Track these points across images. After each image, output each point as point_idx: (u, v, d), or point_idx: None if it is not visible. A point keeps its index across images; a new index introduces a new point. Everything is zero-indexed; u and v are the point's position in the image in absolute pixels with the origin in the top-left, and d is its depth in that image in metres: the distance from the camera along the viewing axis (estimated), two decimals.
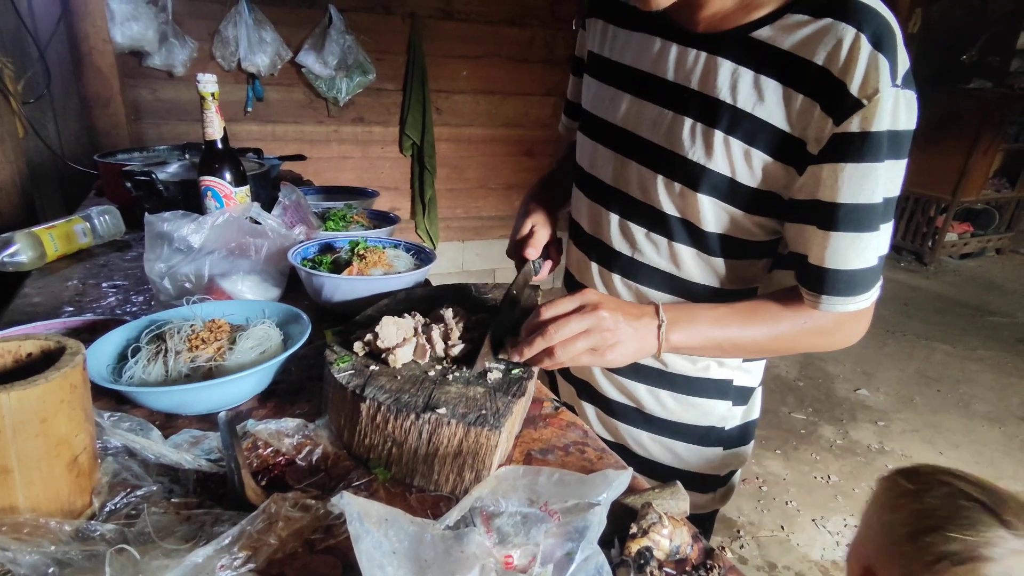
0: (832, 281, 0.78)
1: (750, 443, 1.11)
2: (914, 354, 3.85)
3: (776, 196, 0.81)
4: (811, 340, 0.86)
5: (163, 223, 1.04)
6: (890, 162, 0.73)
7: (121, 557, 0.51)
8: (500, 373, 0.77)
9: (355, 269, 1.09)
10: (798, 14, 0.74)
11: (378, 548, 0.50)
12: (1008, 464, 2.84)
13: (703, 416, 1.03)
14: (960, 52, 5.46)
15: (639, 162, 0.90)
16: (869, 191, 0.73)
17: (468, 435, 0.67)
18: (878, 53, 0.68)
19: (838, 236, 0.76)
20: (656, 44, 0.86)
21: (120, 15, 2.84)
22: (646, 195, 0.90)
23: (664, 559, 0.60)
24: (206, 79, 1.14)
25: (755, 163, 0.79)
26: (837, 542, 2.32)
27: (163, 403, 0.80)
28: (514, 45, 4.00)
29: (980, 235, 5.83)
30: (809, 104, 0.73)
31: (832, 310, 0.80)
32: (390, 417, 0.69)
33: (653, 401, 1.03)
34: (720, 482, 1.09)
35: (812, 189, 0.76)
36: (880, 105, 0.69)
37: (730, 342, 0.84)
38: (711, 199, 0.83)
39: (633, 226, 0.93)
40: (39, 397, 0.53)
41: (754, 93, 0.76)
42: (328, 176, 3.64)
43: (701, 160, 0.81)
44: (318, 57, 3.42)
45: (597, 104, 0.96)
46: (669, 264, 0.92)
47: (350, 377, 0.74)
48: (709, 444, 1.05)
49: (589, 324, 0.75)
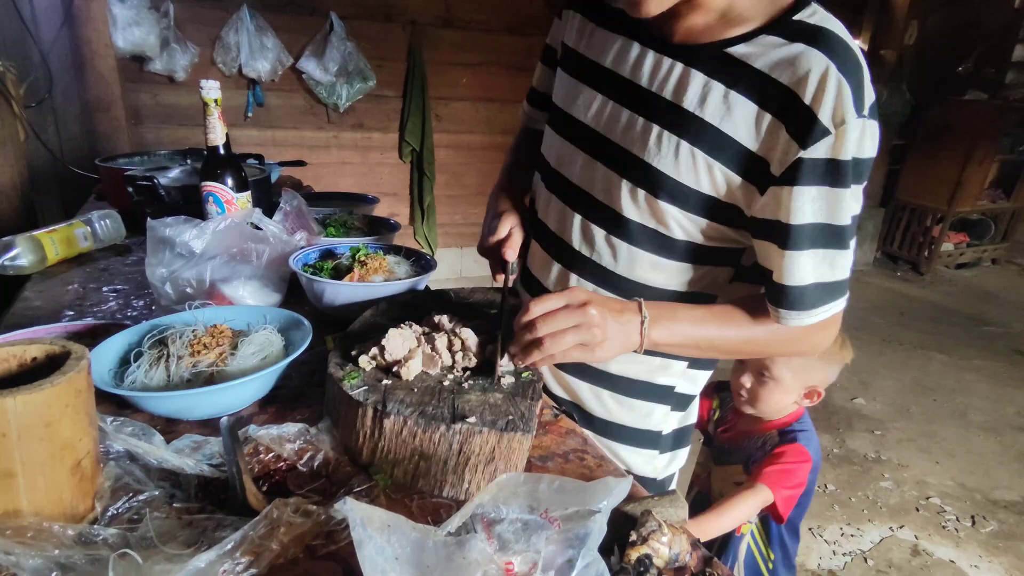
0: (791, 298, 0.81)
1: (686, 447, 1.13)
2: (910, 364, 3.86)
3: (738, 208, 0.83)
4: (782, 347, 0.91)
5: (165, 228, 1.04)
6: (855, 187, 0.76)
7: (124, 561, 0.51)
8: (512, 377, 0.78)
9: (356, 275, 1.09)
10: (774, 36, 0.76)
11: (381, 554, 0.51)
12: (1004, 474, 2.85)
13: (641, 419, 1.04)
14: (955, 64, 5.50)
15: (605, 164, 0.90)
16: (837, 212, 0.76)
17: (501, 441, 0.68)
18: (846, 84, 0.71)
19: (797, 255, 0.78)
20: (634, 49, 0.87)
21: (122, 20, 2.86)
22: (609, 197, 0.90)
23: (663, 566, 0.61)
24: (209, 85, 1.14)
25: (717, 176, 0.81)
26: (834, 551, 2.32)
27: (165, 408, 0.80)
28: (513, 53, 4.02)
29: (976, 245, 5.86)
30: (776, 125, 0.76)
31: (789, 324, 0.83)
32: (418, 431, 0.68)
33: (595, 400, 1.04)
34: (658, 486, 1.10)
35: (774, 209, 0.78)
36: (847, 135, 0.72)
37: (707, 342, 0.86)
38: (673, 206, 0.85)
39: (594, 227, 0.94)
40: (44, 402, 0.54)
41: (723, 107, 0.79)
42: (327, 182, 3.64)
43: (666, 168, 0.83)
44: (319, 63, 3.44)
45: (568, 101, 0.96)
46: (626, 267, 0.93)
47: (366, 394, 0.72)
48: (645, 446, 1.06)
49: (578, 320, 0.75)
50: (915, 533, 2.44)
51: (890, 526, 2.47)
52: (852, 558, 2.30)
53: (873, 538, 2.40)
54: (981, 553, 2.36)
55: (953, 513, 2.56)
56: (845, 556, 2.31)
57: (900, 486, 2.72)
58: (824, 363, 1.40)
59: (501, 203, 1.06)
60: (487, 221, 1.06)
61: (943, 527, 2.48)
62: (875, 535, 2.42)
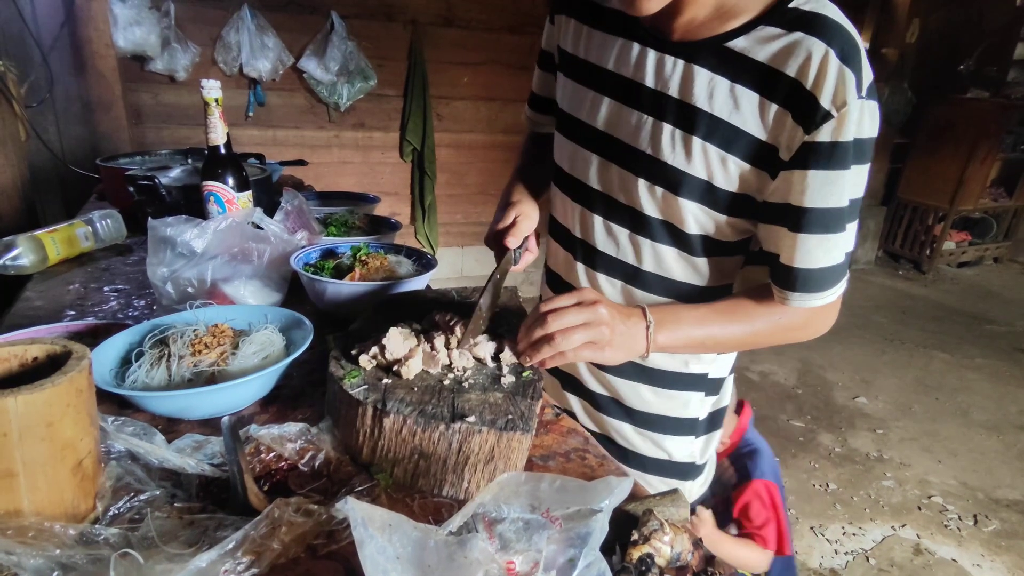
0: (801, 280, 0.83)
1: (719, 429, 1.16)
2: (912, 362, 3.86)
3: (750, 199, 0.85)
4: (784, 334, 0.92)
5: (166, 228, 1.04)
6: (856, 167, 0.78)
7: (125, 561, 0.51)
8: (513, 376, 0.78)
9: (357, 275, 1.09)
10: (771, 27, 0.77)
11: (382, 553, 0.50)
12: (1006, 472, 2.84)
13: (680, 407, 1.06)
14: (957, 62, 5.49)
15: (621, 165, 0.92)
16: (837, 195, 0.78)
17: (500, 440, 0.68)
18: (846, 68, 0.73)
19: (807, 238, 0.80)
20: (634, 49, 0.88)
21: (123, 20, 2.86)
22: (629, 198, 0.92)
23: (665, 566, 0.60)
24: (210, 85, 1.14)
25: (731, 168, 0.83)
26: (836, 550, 2.32)
27: (166, 407, 0.80)
28: (514, 52, 4.01)
29: (978, 244, 5.85)
30: (782, 113, 0.78)
31: (801, 306, 0.85)
32: (417, 430, 0.68)
33: (633, 395, 1.06)
34: (699, 469, 1.14)
35: (784, 193, 0.81)
36: (848, 116, 0.74)
37: (712, 339, 0.89)
38: (691, 202, 0.87)
39: (616, 227, 0.96)
40: (45, 401, 0.54)
41: (730, 101, 0.80)
42: (328, 181, 3.64)
43: (681, 165, 0.85)
44: (319, 63, 3.44)
45: (575, 106, 0.97)
46: (652, 263, 0.95)
47: (366, 392, 0.72)
48: (684, 433, 1.09)
49: (587, 318, 0.76)
50: (917, 532, 2.44)
51: (892, 525, 2.47)
52: (854, 557, 2.30)
53: (875, 537, 2.40)
54: (983, 552, 2.35)
55: (955, 512, 2.56)
56: (847, 555, 2.31)
57: (902, 485, 2.72)
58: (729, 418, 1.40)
59: (510, 197, 1.07)
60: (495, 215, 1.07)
61: (945, 526, 2.48)
62: (877, 534, 2.42)
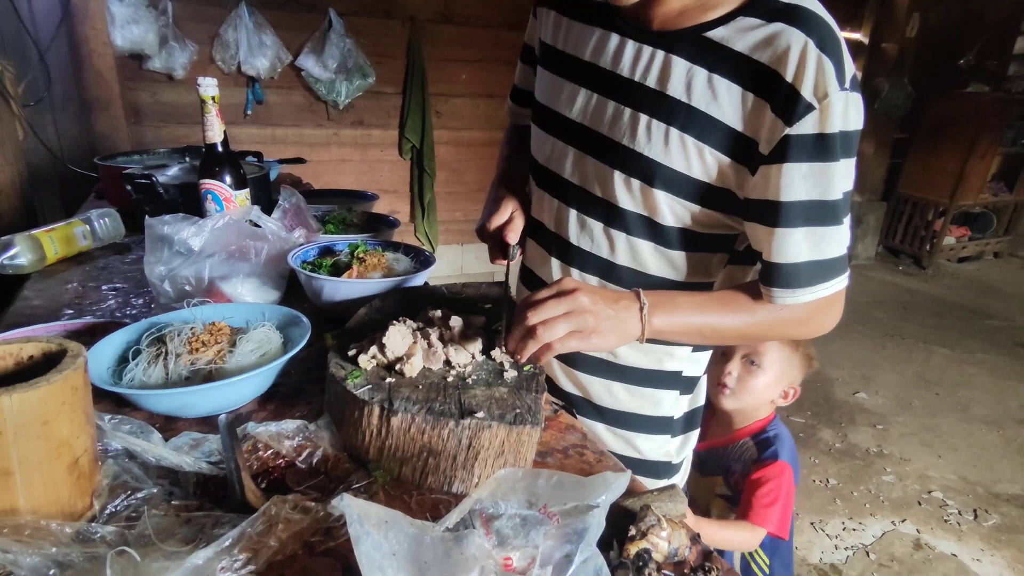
0: (783, 276, 0.81)
1: (696, 429, 1.14)
2: (912, 357, 3.86)
3: (730, 193, 0.83)
4: (785, 328, 0.89)
5: (163, 226, 1.04)
6: (844, 160, 0.76)
7: (121, 559, 0.51)
8: (515, 371, 0.78)
9: (355, 272, 1.09)
10: (750, 17, 0.77)
11: (378, 550, 0.50)
12: (1006, 467, 2.84)
13: (653, 406, 1.05)
14: (957, 56, 5.48)
15: (596, 157, 0.90)
16: (828, 188, 0.76)
17: (510, 435, 0.68)
18: (825, 57, 0.72)
19: (788, 232, 0.79)
20: (613, 40, 0.87)
21: (120, 18, 2.85)
22: (603, 190, 0.91)
23: (662, 561, 0.60)
24: (207, 83, 1.14)
25: (708, 160, 0.81)
26: (836, 545, 2.32)
27: (163, 406, 0.80)
28: (513, 49, 3.96)
29: (978, 239, 5.85)
30: (760, 104, 0.76)
31: (783, 303, 0.83)
32: (426, 427, 0.68)
33: (606, 393, 1.04)
34: (675, 468, 1.12)
35: (763, 189, 0.79)
36: (831, 108, 0.73)
37: (710, 328, 0.86)
38: (667, 194, 0.85)
39: (591, 221, 0.94)
40: (40, 399, 0.53)
41: (708, 92, 0.79)
42: (327, 179, 3.64)
43: (657, 156, 0.83)
44: (318, 60, 3.43)
45: (552, 97, 0.96)
46: (627, 257, 0.93)
47: (371, 392, 0.72)
48: (659, 431, 1.07)
49: (567, 307, 0.75)
50: (917, 527, 2.44)
51: (892, 520, 2.47)
52: (854, 552, 2.30)
53: (875, 532, 2.40)
54: (983, 547, 2.36)
55: (955, 507, 2.56)
56: (847, 550, 2.31)
57: (902, 480, 2.72)
58: (801, 361, 1.41)
59: (501, 189, 1.06)
60: (487, 206, 1.06)
61: (945, 521, 2.48)
62: (877, 529, 2.42)
